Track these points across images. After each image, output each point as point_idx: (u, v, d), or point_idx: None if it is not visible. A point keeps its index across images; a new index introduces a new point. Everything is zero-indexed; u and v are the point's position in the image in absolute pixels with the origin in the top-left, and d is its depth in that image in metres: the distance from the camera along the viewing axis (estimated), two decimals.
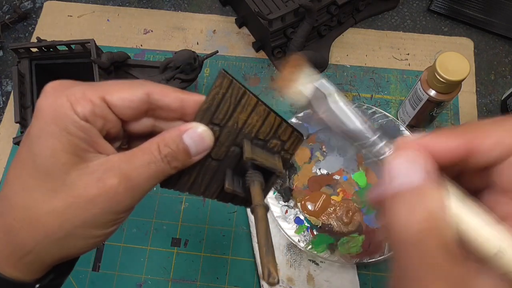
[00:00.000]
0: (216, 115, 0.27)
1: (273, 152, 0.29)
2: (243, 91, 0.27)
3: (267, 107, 0.27)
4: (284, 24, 0.58)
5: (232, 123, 0.27)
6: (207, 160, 0.28)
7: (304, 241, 0.52)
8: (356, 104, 0.59)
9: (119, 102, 0.25)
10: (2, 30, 0.69)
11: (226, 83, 0.26)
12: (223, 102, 0.26)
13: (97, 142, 0.25)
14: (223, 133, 0.27)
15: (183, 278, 0.53)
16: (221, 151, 0.28)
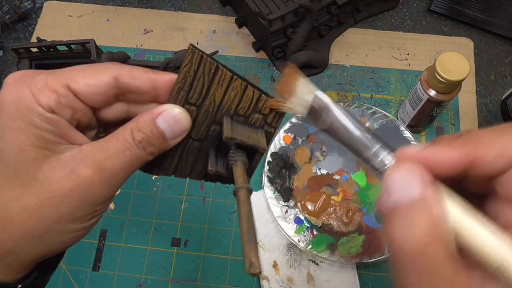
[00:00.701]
0: (191, 94, 0.25)
1: (256, 127, 0.28)
2: (216, 66, 0.25)
3: (244, 80, 0.26)
4: (284, 24, 0.58)
5: (209, 101, 0.26)
6: (188, 141, 0.27)
7: (304, 241, 0.52)
8: (356, 104, 0.59)
9: (85, 89, 0.23)
10: (2, 30, 0.69)
11: (196, 59, 0.25)
12: (196, 80, 0.25)
13: (67, 133, 0.23)
14: (200, 113, 0.26)
15: (183, 278, 0.53)
16: (201, 131, 0.27)
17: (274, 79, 0.64)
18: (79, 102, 0.24)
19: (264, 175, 0.56)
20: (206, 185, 0.58)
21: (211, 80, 0.25)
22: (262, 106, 0.27)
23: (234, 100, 0.26)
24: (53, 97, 0.22)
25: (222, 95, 0.26)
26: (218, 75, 0.25)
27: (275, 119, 0.28)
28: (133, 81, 0.25)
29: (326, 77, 0.64)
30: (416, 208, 0.20)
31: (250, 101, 0.27)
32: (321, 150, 0.58)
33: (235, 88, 0.26)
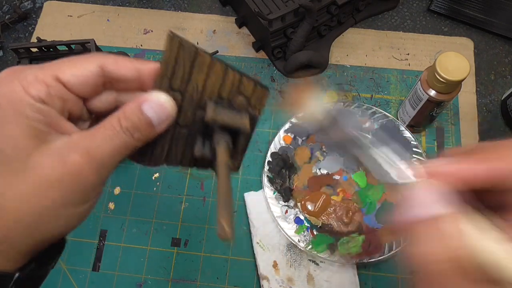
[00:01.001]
0: (174, 80, 0.26)
1: (240, 110, 0.28)
2: (195, 51, 0.26)
3: (224, 63, 0.26)
4: (284, 24, 0.58)
5: (192, 86, 0.26)
6: (176, 128, 0.27)
7: (304, 241, 0.52)
8: (356, 104, 0.59)
9: (73, 79, 0.24)
10: (2, 30, 0.69)
11: (175, 45, 0.25)
12: (178, 66, 0.26)
13: (58, 123, 0.24)
14: (185, 99, 0.27)
15: (183, 278, 0.53)
16: (187, 117, 0.27)
17: (274, 79, 0.64)
18: (68, 92, 0.25)
19: (264, 175, 0.56)
20: (206, 185, 0.58)
21: (191, 65, 0.26)
22: (244, 89, 0.27)
23: (216, 84, 0.27)
24: (43, 89, 0.23)
25: (204, 80, 0.26)
26: (198, 59, 0.26)
27: (258, 100, 0.28)
28: (119, 70, 0.25)
29: (326, 77, 0.64)
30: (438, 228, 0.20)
31: (232, 83, 0.27)
32: (321, 150, 0.58)
33: (216, 72, 0.26)
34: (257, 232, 0.54)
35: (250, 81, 0.27)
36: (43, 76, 0.24)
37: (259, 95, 0.28)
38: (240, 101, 0.28)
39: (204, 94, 0.27)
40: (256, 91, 0.28)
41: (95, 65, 0.25)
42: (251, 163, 0.59)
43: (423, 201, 0.21)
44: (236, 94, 0.27)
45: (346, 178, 0.56)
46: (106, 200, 0.57)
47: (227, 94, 0.27)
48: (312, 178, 0.57)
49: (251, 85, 0.27)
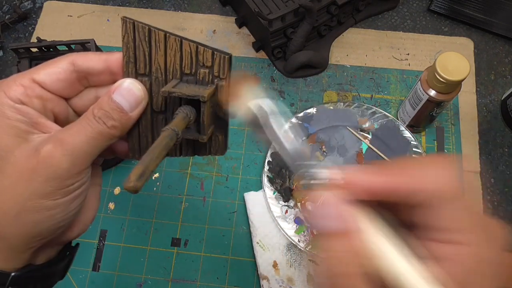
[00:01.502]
0: (138, 65, 0.27)
1: (206, 83, 0.28)
2: (148, 29, 0.26)
3: (178, 37, 0.27)
4: (284, 24, 0.58)
5: (155, 67, 0.27)
6: (153, 116, 0.28)
7: (304, 241, 0.52)
8: (356, 104, 0.59)
9: (47, 77, 0.26)
10: (2, 30, 0.69)
11: (129, 27, 0.26)
12: (137, 49, 0.26)
13: (39, 122, 0.25)
14: (153, 82, 0.27)
15: (183, 278, 0.53)
16: (159, 101, 0.28)
17: (274, 79, 0.64)
18: (45, 91, 0.26)
19: (264, 175, 0.56)
20: (206, 185, 0.58)
21: (149, 44, 0.27)
22: (203, 59, 0.27)
23: (176, 59, 0.27)
24: (20, 90, 0.25)
25: (163, 57, 0.27)
26: (153, 37, 0.26)
27: (221, 68, 0.27)
28: (87, 63, 0.27)
29: (326, 77, 0.64)
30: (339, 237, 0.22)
31: (190, 55, 0.27)
32: (321, 150, 0.58)
33: (172, 47, 0.27)
34: (257, 232, 0.54)
35: (207, 50, 0.27)
36: (20, 79, 0.25)
37: (219, 62, 0.27)
38: (204, 73, 0.27)
39: (168, 74, 0.27)
40: (216, 59, 0.27)
41: (66, 62, 0.26)
42: (251, 163, 0.59)
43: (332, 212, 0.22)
44: (198, 66, 0.27)
45: None
46: (106, 200, 0.57)
47: (189, 69, 0.27)
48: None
49: (209, 54, 0.27)
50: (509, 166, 0.59)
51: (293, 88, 0.63)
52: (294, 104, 0.62)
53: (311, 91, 0.63)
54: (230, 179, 0.58)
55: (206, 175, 0.58)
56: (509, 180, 0.58)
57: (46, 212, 0.25)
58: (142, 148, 0.29)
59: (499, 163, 0.59)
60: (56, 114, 0.27)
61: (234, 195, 0.57)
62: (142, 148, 0.29)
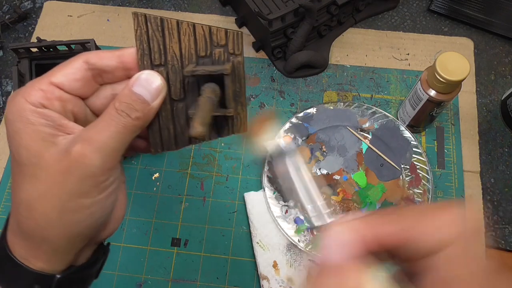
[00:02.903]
0: (153, 56, 0.27)
1: (223, 62, 0.28)
2: (160, 19, 0.27)
3: (190, 22, 0.27)
4: (284, 24, 0.58)
5: (170, 55, 0.27)
6: (173, 105, 0.28)
7: (304, 241, 0.52)
8: (356, 104, 0.59)
9: (64, 78, 0.26)
10: (2, 30, 0.69)
11: (141, 20, 0.27)
12: (151, 40, 0.27)
13: (62, 124, 0.26)
14: (170, 71, 0.28)
15: (183, 278, 0.53)
16: (177, 89, 0.28)
17: (274, 79, 0.64)
18: (64, 92, 0.26)
19: (264, 175, 0.56)
20: (206, 185, 0.58)
21: (162, 34, 0.27)
22: (218, 38, 0.28)
23: (190, 44, 0.27)
24: (40, 94, 0.25)
25: (178, 44, 0.27)
26: (165, 26, 0.27)
27: (235, 44, 0.28)
28: (101, 60, 0.27)
29: (326, 77, 0.64)
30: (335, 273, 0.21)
31: (204, 38, 0.27)
32: (321, 150, 0.58)
33: (185, 32, 0.27)
34: (257, 232, 0.54)
35: (220, 29, 0.28)
36: (38, 83, 0.26)
37: (233, 39, 0.28)
38: (219, 52, 0.28)
39: (184, 60, 0.28)
40: (229, 36, 0.28)
41: (80, 61, 0.27)
42: (251, 163, 0.59)
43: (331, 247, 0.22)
44: (213, 47, 0.28)
45: (346, 178, 0.56)
46: None
47: (204, 52, 0.28)
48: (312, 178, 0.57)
49: (223, 32, 0.28)
50: (509, 166, 0.59)
51: (293, 88, 0.63)
52: (294, 104, 0.62)
53: (311, 91, 0.63)
54: (230, 179, 0.58)
55: (206, 175, 0.58)
56: (509, 180, 0.58)
57: (85, 211, 0.26)
58: (164, 141, 0.29)
59: (499, 163, 0.59)
60: (76, 114, 0.27)
61: (234, 195, 0.57)
62: (164, 141, 0.29)
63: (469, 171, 0.58)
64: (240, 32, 0.28)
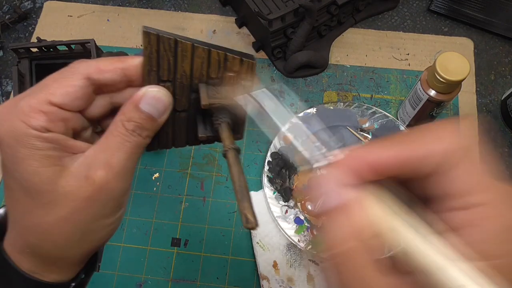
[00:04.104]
0: (161, 73, 0.26)
1: (233, 84, 0.28)
2: (174, 41, 0.26)
3: (206, 45, 0.26)
4: (284, 24, 0.58)
5: (180, 74, 0.27)
6: (175, 114, 0.28)
7: (304, 241, 0.52)
8: (356, 104, 0.59)
9: (66, 99, 0.25)
10: (2, 30, 0.69)
11: (153, 39, 0.25)
12: (161, 58, 0.26)
13: (68, 145, 0.25)
14: (176, 86, 0.27)
15: (183, 278, 0.53)
16: (183, 103, 0.28)
17: (274, 79, 0.64)
18: (66, 112, 0.25)
19: (264, 175, 0.56)
20: (206, 185, 0.58)
21: (174, 54, 0.26)
22: (231, 65, 0.27)
23: (203, 66, 0.27)
24: (42, 118, 0.24)
25: (190, 65, 0.27)
26: (179, 48, 0.26)
27: (249, 72, 0.28)
28: (104, 76, 0.26)
29: (326, 77, 0.64)
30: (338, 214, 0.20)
31: (218, 63, 0.27)
32: None
33: (200, 55, 0.27)
34: (257, 232, 0.54)
35: (235, 58, 0.27)
36: (37, 104, 0.24)
37: (247, 67, 0.28)
38: (229, 77, 0.28)
39: (193, 78, 0.27)
40: (244, 65, 0.27)
41: (81, 77, 0.25)
42: (251, 163, 0.59)
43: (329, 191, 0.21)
44: (225, 71, 0.28)
45: None
46: None
47: (216, 74, 0.28)
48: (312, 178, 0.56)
49: (237, 61, 0.27)
50: (509, 166, 0.59)
51: (293, 88, 0.63)
52: (294, 104, 0.62)
53: (311, 91, 0.63)
54: (230, 179, 0.58)
55: (206, 175, 0.58)
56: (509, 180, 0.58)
57: (106, 229, 0.27)
58: (161, 142, 0.29)
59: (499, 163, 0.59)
60: (74, 128, 0.27)
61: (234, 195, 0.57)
62: (161, 143, 0.29)
63: None
64: (254, 62, 0.28)
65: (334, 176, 0.21)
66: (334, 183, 0.21)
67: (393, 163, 0.21)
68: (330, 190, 0.21)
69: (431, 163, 0.20)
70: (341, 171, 0.21)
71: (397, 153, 0.21)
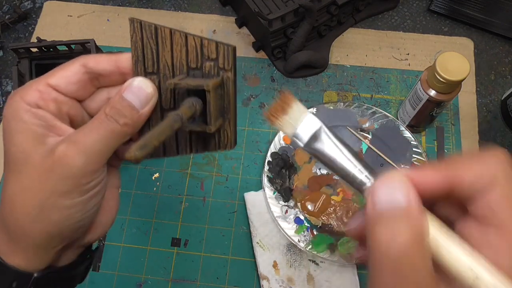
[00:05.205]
0: (146, 63, 0.27)
1: (212, 76, 0.28)
2: (154, 27, 0.27)
3: (183, 32, 0.27)
4: (284, 24, 0.58)
5: (163, 64, 0.28)
6: (163, 114, 0.28)
7: (304, 241, 0.52)
8: (356, 104, 0.59)
9: (61, 81, 0.27)
10: (2, 30, 0.69)
11: (137, 27, 0.27)
12: (145, 47, 0.27)
13: (55, 125, 0.26)
14: (161, 79, 0.28)
15: (183, 278, 0.53)
16: (168, 98, 0.28)
17: (274, 79, 0.64)
18: (60, 94, 0.27)
19: (264, 175, 0.56)
20: (206, 185, 0.58)
21: (156, 42, 0.27)
22: (208, 51, 0.28)
23: (182, 54, 0.28)
24: (36, 94, 0.26)
25: (170, 54, 0.28)
26: (159, 35, 0.27)
27: (226, 59, 0.28)
28: (98, 65, 0.27)
29: (326, 77, 0.64)
30: (402, 217, 0.21)
31: (196, 50, 0.28)
32: None
33: (178, 42, 0.27)
34: (257, 232, 0.54)
35: (211, 42, 0.27)
36: (35, 84, 0.26)
37: (223, 53, 0.28)
38: (209, 66, 0.28)
39: (175, 70, 0.28)
40: (220, 50, 0.27)
41: (78, 64, 0.27)
42: (251, 163, 0.59)
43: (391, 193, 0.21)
44: (203, 60, 0.28)
45: None
46: None
47: (195, 64, 0.28)
48: (312, 178, 0.57)
49: (213, 45, 0.27)
50: None
51: (293, 88, 0.63)
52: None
53: (311, 91, 0.63)
54: (230, 179, 0.58)
55: (206, 175, 0.58)
56: None
57: (65, 211, 0.26)
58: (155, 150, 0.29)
59: None
60: (72, 116, 0.28)
61: (234, 195, 0.57)
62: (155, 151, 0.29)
63: None
64: (232, 47, 0.27)
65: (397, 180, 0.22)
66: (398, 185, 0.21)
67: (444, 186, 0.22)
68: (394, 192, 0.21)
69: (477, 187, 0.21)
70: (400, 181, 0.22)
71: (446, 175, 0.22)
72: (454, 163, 0.22)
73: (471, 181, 0.21)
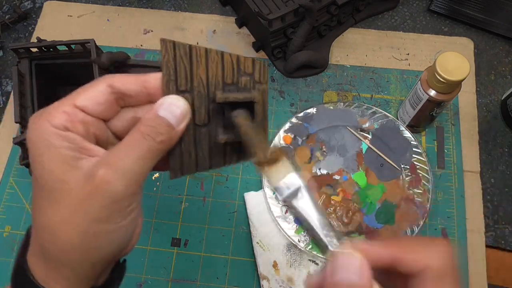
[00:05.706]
0: (179, 82, 0.27)
1: (248, 89, 0.29)
2: (189, 46, 0.27)
3: (218, 50, 0.27)
4: (284, 24, 0.58)
5: (197, 82, 0.27)
6: (196, 130, 0.28)
7: (304, 241, 0.52)
8: (356, 104, 0.59)
9: (89, 102, 0.26)
10: (2, 30, 0.69)
11: (170, 47, 0.27)
12: (178, 66, 0.27)
13: (85, 147, 0.25)
14: (195, 97, 0.28)
15: (183, 278, 0.53)
16: (202, 115, 0.28)
17: (274, 79, 0.64)
18: (87, 115, 0.26)
19: None
20: (206, 185, 0.58)
21: (190, 60, 0.27)
22: (244, 67, 0.28)
23: (218, 71, 0.28)
24: (64, 117, 0.25)
25: (205, 71, 0.27)
26: (193, 53, 0.27)
27: (261, 74, 0.29)
28: (125, 85, 0.27)
29: (326, 77, 0.64)
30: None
31: (232, 66, 0.28)
32: (321, 150, 0.58)
33: (214, 59, 0.27)
34: (257, 232, 0.54)
35: (247, 58, 0.28)
36: (61, 106, 0.25)
37: (259, 68, 0.28)
38: (245, 81, 0.28)
39: (210, 86, 0.28)
40: (256, 66, 0.28)
41: (105, 85, 0.26)
42: (251, 163, 0.59)
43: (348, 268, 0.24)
44: (239, 75, 0.28)
45: (346, 178, 0.56)
46: None
47: (231, 79, 0.28)
48: (312, 178, 0.57)
49: (250, 62, 0.28)
50: (509, 166, 0.59)
51: (293, 88, 0.63)
52: (294, 104, 0.62)
53: (311, 91, 0.63)
54: (230, 179, 0.58)
55: (206, 175, 0.58)
56: (509, 180, 0.58)
57: (108, 236, 0.25)
58: (184, 165, 0.29)
59: (499, 163, 0.59)
60: (97, 136, 0.27)
61: (234, 195, 0.57)
62: (184, 165, 0.29)
63: (469, 171, 0.58)
64: (266, 62, 0.29)
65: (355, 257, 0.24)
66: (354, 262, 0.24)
67: (388, 260, 0.25)
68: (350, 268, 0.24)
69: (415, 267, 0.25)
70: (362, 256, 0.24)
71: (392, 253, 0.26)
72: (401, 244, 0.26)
73: (410, 262, 0.25)
